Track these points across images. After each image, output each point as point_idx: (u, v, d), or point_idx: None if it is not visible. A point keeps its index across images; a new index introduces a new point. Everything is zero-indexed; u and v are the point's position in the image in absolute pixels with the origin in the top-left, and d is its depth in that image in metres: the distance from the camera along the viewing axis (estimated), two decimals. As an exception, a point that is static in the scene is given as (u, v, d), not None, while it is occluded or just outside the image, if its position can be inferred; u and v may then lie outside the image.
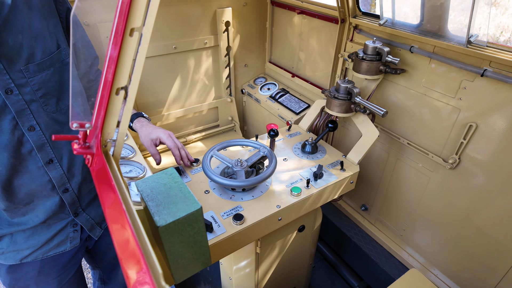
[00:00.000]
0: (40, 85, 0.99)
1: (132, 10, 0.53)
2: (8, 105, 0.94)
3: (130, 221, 0.47)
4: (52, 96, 1.03)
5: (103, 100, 0.59)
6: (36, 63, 0.97)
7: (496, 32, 7.98)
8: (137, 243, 0.44)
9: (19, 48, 0.92)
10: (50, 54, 0.99)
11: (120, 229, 0.48)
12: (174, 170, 0.79)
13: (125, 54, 0.57)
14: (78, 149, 0.60)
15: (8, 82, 0.92)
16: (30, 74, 0.96)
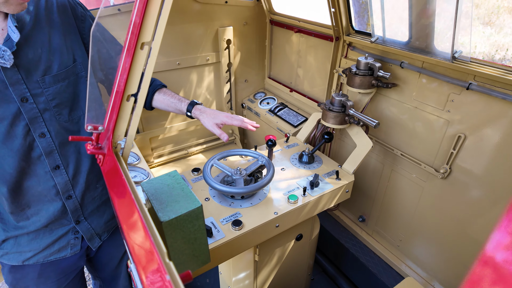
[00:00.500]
0: (54, 96, 1.07)
1: (143, 27, 0.61)
2: (23, 112, 1.01)
3: (139, 210, 0.53)
4: (65, 106, 1.10)
5: (115, 105, 0.66)
6: (52, 75, 1.05)
7: (492, 50, 8.13)
8: (146, 228, 0.50)
9: (38, 61, 1.01)
10: (66, 67, 1.08)
11: (131, 218, 0.54)
12: (177, 173, 0.85)
13: (136, 65, 0.65)
14: (91, 149, 0.67)
15: (24, 91, 1.00)
16: (45, 85, 1.04)
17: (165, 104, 1.47)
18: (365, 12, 1.81)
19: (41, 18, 1.02)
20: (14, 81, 0.98)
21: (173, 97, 1.46)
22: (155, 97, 1.47)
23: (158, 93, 1.47)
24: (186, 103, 1.44)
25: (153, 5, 0.62)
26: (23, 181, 1.11)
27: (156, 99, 1.47)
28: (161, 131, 2.38)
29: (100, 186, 1.32)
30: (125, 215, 0.52)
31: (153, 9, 0.61)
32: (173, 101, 1.45)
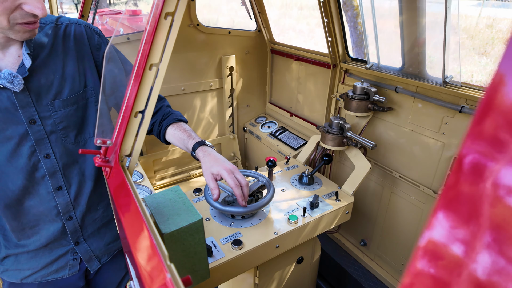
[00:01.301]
0: (62, 119, 1.11)
1: (152, 50, 0.68)
2: (30, 133, 1.05)
3: (145, 219, 0.56)
4: (72, 129, 1.14)
5: (124, 121, 0.71)
6: (62, 100, 1.09)
7: (488, 78, 8.33)
8: (151, 237, 0.53)
9: (49, 86, 1.06)
10: (76, 92, 1.13)
11: (137, 227, 0.57)
12: (179, 188, 0.88)
13: (144, 84, 0.71)
14: (99, 162, 0.71)
15: (33, 113, 1.04)
16: (54, 109, 1.08)
17: (176, 138, 1.35)
18: (363, 42, 1.91)
19: (58, 46, 1.08)
20: (24, 104, 1.02)
21: (184, 133, 1.32)
22: (168, 131, 1.36)
23: (171, 127, 1.36)
24: (194, 141, 1.30)
25: (161, 32, 0.68)
26: (25, 200, 1.13)
27: (169, 133, 1.36)
28: (164, 153, 2.42)
29: (101, 208, 1.33)
30: (131, 224, 0.54)
31: (161, 35, 0.67)
32: (182, 137, 1.32)
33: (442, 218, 0.27)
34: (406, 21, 1.40)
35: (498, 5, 12.43)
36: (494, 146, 0.24)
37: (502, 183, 0.23)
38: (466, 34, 10.51)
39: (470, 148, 0.25)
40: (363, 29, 1.59)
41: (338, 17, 1.76)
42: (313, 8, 13.76)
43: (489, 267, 0.23)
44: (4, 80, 0.93)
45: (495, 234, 0.23)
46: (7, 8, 0.85)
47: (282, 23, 12.73)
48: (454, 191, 0.26)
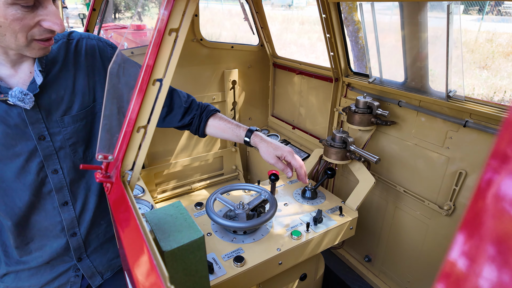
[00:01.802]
0: (71, 135, 1.10)
1: (156, 65, 0.68)
2: (39, 149, 1.04)
3: (145, 237, 0.55)
4: (81, 145, 1.13)
5: (126, 136, 0.71)
6: (71, 115, 1.08)
7: (490, 92, 8.34)
8: (151, 257, 0.51)
9: (59, 102, 1.06)
10: (86, 107, 1.12)
11: (136, 244, 0.55)
12: (180, 203, 0.86)
13: (148, 99, 0.70)
14: (100, 178, 0.70)
15: (43, 130, 1.03)
16: (64, 125, 1.07)
17: (221, 129, 1.41)
18: (364, 56, 1.93)
19: (69, 61, 1.08)
20: (34, 120, 1.02)
21: (229, 123, 1.40)
22: (210, 123, 1.41)
23: (213, 119, 1.41)
24: (244, 128, 1.38)
25: (165, 47, 0.68)
26: (31, 216, 1.11)
27: (211, 125, 1.42)
28: (165, 166, 2.41)
29: (105, 223, 1.31)
30: (131, 242, 0.53)
31: (165, 51, 0.67)
32: (230, 127, 1.39)
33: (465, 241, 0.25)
34: (408, 35, 1.41)
35: (498, 20, 12.60)
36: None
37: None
38: (466, 48, 10.60)
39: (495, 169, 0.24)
40: (365, 43, 1.60)
41: (340, 32, 1.77)
42: (314, 23, 13.99)
43: None
44: (15, 98, 0.93)
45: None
46: (26, 25, 0.85)
47: (284, 37, 12.93)
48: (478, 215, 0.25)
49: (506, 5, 12.67)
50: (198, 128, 1.42)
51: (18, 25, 0.84)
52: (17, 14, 0.82)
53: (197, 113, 1.40)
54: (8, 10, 0.81)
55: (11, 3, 0.80)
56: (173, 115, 1.38)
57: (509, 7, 12.87)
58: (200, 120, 1.41)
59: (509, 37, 10.47)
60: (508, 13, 12.80)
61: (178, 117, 1.39)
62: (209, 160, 2.62)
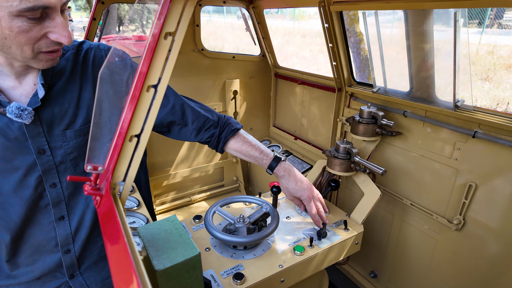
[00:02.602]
0: (73, 150, 1.04)
1: (150, 71, 0.64)
2: (38, 164, 0.99)
3: (132, 257, 0.49)
4: (82, 159, 1.08)
5: (117, 145, 0.66)
6: (74, 130, 1.03)
7: (493, 103, 8.31)
8: (137, 278, 0.46)
9: (63, 116, 1.01)
10: (90, 122, 1.06)
11: (123, 265, 0.50)
12: (176, 218, 0.81)
13: (141, 106, 0.66)
14: (89, 190, 0.65)
15: (43, 143, 0.98)
16: (66, 139, 1.02)
17: (242, 154, 1.37)
18: (366, 67, 1.90)
19: (76, 73, 1.04)
20: (35, 134, 0.97)
21: (252, 147, 1.36)
22: (230, 146, 1.37)
23: (234, 141, 1.36)
24: (268, 158, 1.34)
25: (161, 52, 0.64)
26: (25, 229, 1.07)
27: (231, 148, 1.37)
28: (164, 177, 2.36)
29: (101, 240, 1.25)
30: (117, 261, 0.48)
31: (160, 55, 0.64)
32: (253, 154, 1.35)
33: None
34: (413, 44, 1.38)
35: (499, 32, 12.67)
36: None
37: None
38: (468, 60, 10.63)
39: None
40: (369, 52, 1.57)
41: (342, 41, 1.75)
42: (315, 36, 14.14)
43: None
44: (12, 114, 0.89)
45: None
46: (33, 38, 0.81)
47: (286, 50, 13.04)
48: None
49: (506, 18, 12.78)
50: (216, 147, 1.37)
51: (24, 38, 0.80)
52: (23, 26, 0.78)
53: (215, 132, 1.34)
54: (14, 22, 0.77)
55: (16, 15, 0.76)
56: (187, 130, 1.33)
57: (510, 20, 12.98)
58: (218, 140, 1.36)
59: (510, 50, 10.49)
60: (508, 26, 12.89)
61: (194, 133, 1.34)
62: (209, 171, 2.57)
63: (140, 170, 1.46)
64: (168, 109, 1.29)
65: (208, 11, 19.53)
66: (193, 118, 1.33)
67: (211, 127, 1.35)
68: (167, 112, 1.29)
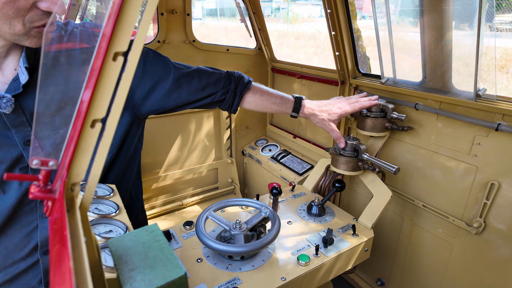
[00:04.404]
0: (64, 139, 0.92)
1: (117, 33, 0.47)
2: (25, 156, 0.90)
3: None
4: None
5: (74, 133, 0.50)
6: (65, 116, 0.91)
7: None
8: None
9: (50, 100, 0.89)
10: None
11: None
12: (157, 227, 0.65)
13: (106, 81, 0.50)
14: (35, 193, 0.48)
15: (29, 133, 0.88)
16: (55, 127, 0.91)
17: (262, 106, 1.32)
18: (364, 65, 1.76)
19: (62, 53, 0.94)
20: (18, 123, 0.87)
21: (271, 96, 1.30)
22: (247, 99, 1.29)
23: (251, 94, 1.29)
24: (291, 102, 1.30)
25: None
26: (4, 229, 0.97)
27: (250, 101, 1.30)
28: (154, 180, 2.19)
29: None
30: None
31: (133, 8, 0.47)
32: (274, 102, 1.30)
33: None
34: (428, 26, 1.24)
35: (490, 35, 12.79)
36: None
37: None
38: (461, 61, 10.68)
39: None
40: (377, 40, 1.43)
41: (347, 29, 1.60)
42: (309, 38, 14.10)
43: None
44: None
45: None
46: (21, 8, 0.72)
47: (280, 52, 12.95)
48: None
49: (497, 21, 12.90)
50: (231, 105, 1.29)
51: (11, 9, 0.71)
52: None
53: (230, 88, 1.25)
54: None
55: None
56: (198, 102, 1.23)
57: (500, 22, 13.08)
58: (234, 96, 1.27)
59: (502, 51, 10.56)
60: (499, 29, 13.00)
61: (205, 101, 1.23)
62: (202, 173, 2.40)
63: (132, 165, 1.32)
64: (171, 82, 1.16)
65: (202, 14, 19.38)
66: (203, 84, 1.20)
67: (224, 84, 1.24)
68: (171, 86, 1.16)
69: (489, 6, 1.04)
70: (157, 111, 1.20)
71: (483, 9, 1.00)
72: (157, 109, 1.18)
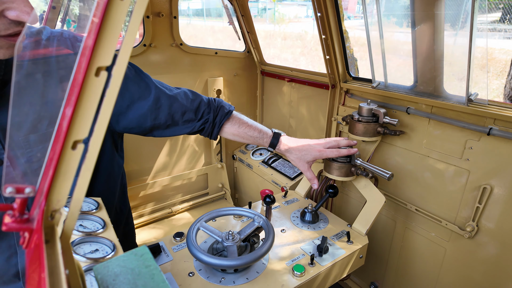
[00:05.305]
0: (40, 158, 0.85)
1: (100, 45, 0.43)
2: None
3: None
4: None
5: (53, 156, 0.45)
6: (40, 134, 0.84)
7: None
8: None
9: (23, 119, 0.81)
10: None
11: None
12: (146, 250, 0.61)
13: (88, 98, 0.45)
14: (10, 224, 0.43)
15: (0, 153, 0.80)
16: (29, 145, 0.83)
17: (240, 137, 1.28)
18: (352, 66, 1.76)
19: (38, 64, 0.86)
20: None
21: (249, 128, 1.27)
22: (226, 130, 1.26)
23: (230, 124, 1.26)
24: (268, 137, 1.28)
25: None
26: None
27: (227, 132, 1.27)
28: (141, 187, 2.12)
29: None
30: None
31: (117, 20, 0.43)
32: (251, 135, 1.27)
33: None
34: (420, 30, 1.23)
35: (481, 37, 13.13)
36: None
37: None
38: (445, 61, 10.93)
39: None
40: (368, 43, 1.42)
41: (337, 33, 1.59)
42: (296, 38, 14.15)
43: None
44: None
45: None
46: None
47: (267, 52, 12.95)
48: None
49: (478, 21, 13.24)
50: (211, 134, 1.25)
51: None
52: None
53: (209, 118, 1.21)
54: None
55: None
56: (177, 127, 1.18)
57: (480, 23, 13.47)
58: (213, 126, 1.23)
59: (482, 51, 10.89)
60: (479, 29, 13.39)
61: (184, 127, 1.20)
62: (192, 179, 2.35)
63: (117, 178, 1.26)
64: (150, 103, 1.10)
65: (188, 15, 19.19)
66: (182, 111, 1.15)
67: (203, 114, 1.20)
68: (150, 107, 1.10)
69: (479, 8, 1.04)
70: (133, 130, 1.13)
71: (475, 13, 1.00)
72: (133, 128, 1.12)
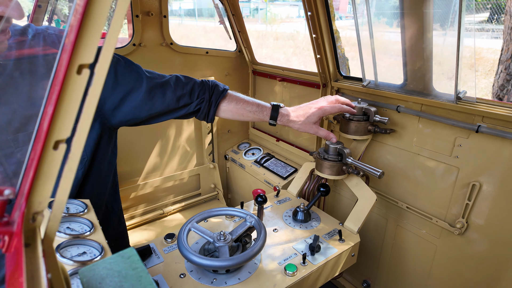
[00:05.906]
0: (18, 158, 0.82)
1: (81, 41, 0.42)
2: None
3: None
4: None
5: (34, 156, 0.44)
6: (29, 132, 0.82)
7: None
8: None
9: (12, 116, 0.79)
10: None
11: None
12: (134, 252, 0.59)
13: (69, 97, 0.44)
14: (-12, 227, 0.42)
15: None
16: (18, 144, 0.81)
17: (239, 114, 1.25)
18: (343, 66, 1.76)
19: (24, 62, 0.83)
20: None
21: (247, 104, 1.25)
22: (223, 108, 1.23)
23: (226, 103, 1.23)
24: (268, 110, 1.25)
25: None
26: None
27: (225, 110, 1.24)
28: (132, 189, 2.10)
29: None
30: None
31: (99, 15, 0.42)
32: (250, 110, 1.24)
33: None
34: (409, 29, 1.24)
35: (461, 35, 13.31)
36: None
37: None
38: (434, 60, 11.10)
39: None
40: (358, 42, 1.42)
41: (328, 32, 1.59)
42: (288, 38, 14.18)
43: None
44: None
45: None
46: None
47: (259, 52, 12.95)
48: None
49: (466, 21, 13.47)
50: (207, 114, 1.23)
51: None
52: None
53: (205, 97, 1.19)
54: None
55: None
56: (173, 112, 1.17)
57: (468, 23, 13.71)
58: (209, 106, 1.20)
59: (471, 50, 11.07)
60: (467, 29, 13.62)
61: (180, 110, 1.18)
62: (184, 179, 2.33)
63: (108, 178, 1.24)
64: (143, 94, 1.08)
65: (180, 15, 19.07)
66: (177, 95, 1.14)
67: (198, 94, 1.18)
68: (143, 98, 1.08)
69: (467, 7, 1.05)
70: (129, 122, 1.13)
71: (463, 12, 1.01)
72: (129, 120, 1.11)
